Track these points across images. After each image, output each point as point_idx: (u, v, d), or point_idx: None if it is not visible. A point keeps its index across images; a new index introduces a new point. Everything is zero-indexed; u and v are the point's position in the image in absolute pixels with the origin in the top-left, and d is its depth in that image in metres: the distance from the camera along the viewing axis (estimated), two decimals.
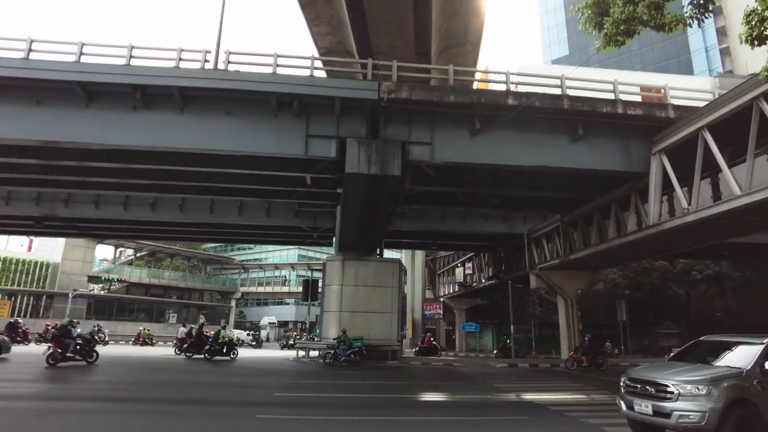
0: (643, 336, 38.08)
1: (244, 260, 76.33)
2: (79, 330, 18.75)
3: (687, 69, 55.76)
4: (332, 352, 21.89)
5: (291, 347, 36.29)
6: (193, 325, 28.24)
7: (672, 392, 6.82)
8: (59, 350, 16.96)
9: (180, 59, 16.19)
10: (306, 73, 16.97)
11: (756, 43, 9.18)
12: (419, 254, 47.61)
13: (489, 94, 17.18)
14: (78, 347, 17.58)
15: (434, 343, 33.81)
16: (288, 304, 70.73)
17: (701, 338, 9.23)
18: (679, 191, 16.12)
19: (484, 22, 22.80)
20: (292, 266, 71.89)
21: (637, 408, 7.33)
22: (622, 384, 7.89)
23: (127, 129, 16.41)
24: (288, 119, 16.89)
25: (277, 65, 16.55)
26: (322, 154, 17.11)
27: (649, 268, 36.59)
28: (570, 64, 50.58)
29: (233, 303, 66.89)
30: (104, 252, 64.93)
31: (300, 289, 37.91)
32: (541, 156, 17.61)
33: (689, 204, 15.75)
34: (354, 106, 16.82)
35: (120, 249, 60.64)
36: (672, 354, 9.99)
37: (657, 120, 17.24)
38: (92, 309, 50.26)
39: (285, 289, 71.34)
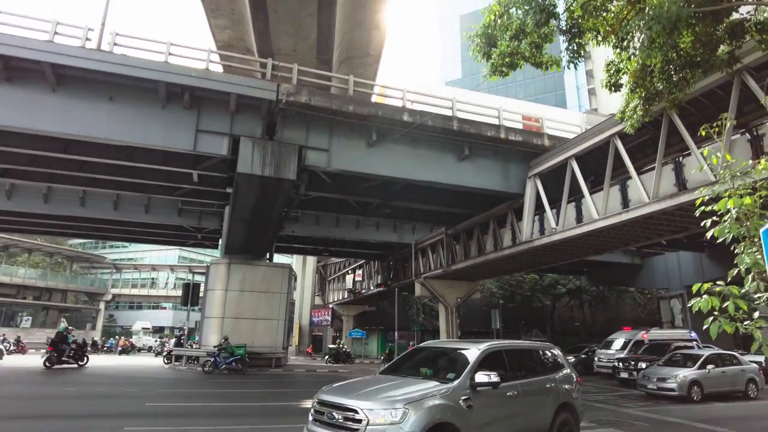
0: None
1: (116, 259, 69.75)
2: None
3: (561, 103, 62.34)
4: (212, 359, 20.89)
5: (166, 355, 33.96)
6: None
7: (360, 419, 5.20)
8: (55, 354, 19.78)
9: (56, 33, 14.58)
10: (201, 65, 16.20)
11: (613, 89, 10.67)
12: (311, 260, 47.30)
13: (386, 108, 17.77)
14: (72, 352, 20.54)
15: (346, 349, 33.64)
16: (165, 308, 66.03)
17: (420, 345, 8.42)
18: (548, 212, 17.96)
19: (385, 37, 23.57)
20: (172, 268, 67.26)
21: None
22: (311, 410, 6.06)
23: None
24: (177, 111, 15.96)
25: (170, 54, 15.61)
26: (213, 151, 16.40)
27: (522, 280, 40.03)
28: (462, 87, 54.01)
29: (102, 306, 60.83)
30: None
31: (180, 293, 35.69)
32: (431, 172, 18.56)
33: (557, 224, 17.62)
34: (251, 105, 16.40)
35: None
36: (385, 366, 8.20)
37: (534, 147, 19.09)
38: None
39: (162, 292, 66.47)
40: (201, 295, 27.86)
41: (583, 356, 24.57)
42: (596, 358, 22.78)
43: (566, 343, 35.52)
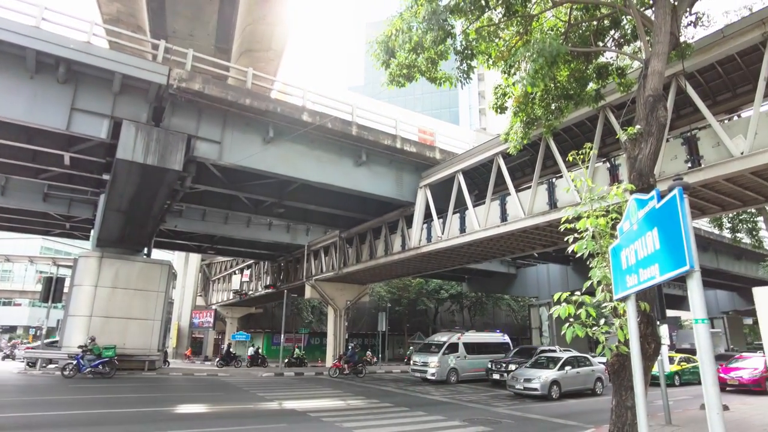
0: (399, 345, 42.83)
1: None
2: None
3: (455, 119, 65.99)
4: (74, 362, 18.78)
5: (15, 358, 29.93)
6: None
7: None
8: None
9: None
10: (82, 37, 14.59)
11: (499, 111, 11.53)
12: (194, 258, 44.64)
13: (286, 106, 17.43)
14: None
15: (302, 356, 31.67)
16: (19, 305, 58.10)
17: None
18: (436, 221, 18.86)
19: (288, 33, 23.19)
20: (31, 259, 59.38)
21: None
22: None
23: None
24: (49, 85, 14.25)
25: (43, 19, 13.87)
26: (90, 133, 14.85)
27: (409, 284, 41.49)
28: (364, 94, 54.94)
29: None
30: None
31: (39, 287, 31.62)
32: (328, 174, 18.57)
33: (443, 233, 18.55)
34: (137, 87, 15.14)
35: None
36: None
37: (426, 159, 19.95)
38: None
39: (18, 286, 58.34)
40: (66, 291, 24.97)
41: None
42: (411, 362, 22.69)
43: None
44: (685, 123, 13.50)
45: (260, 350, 32.56)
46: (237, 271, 41.43)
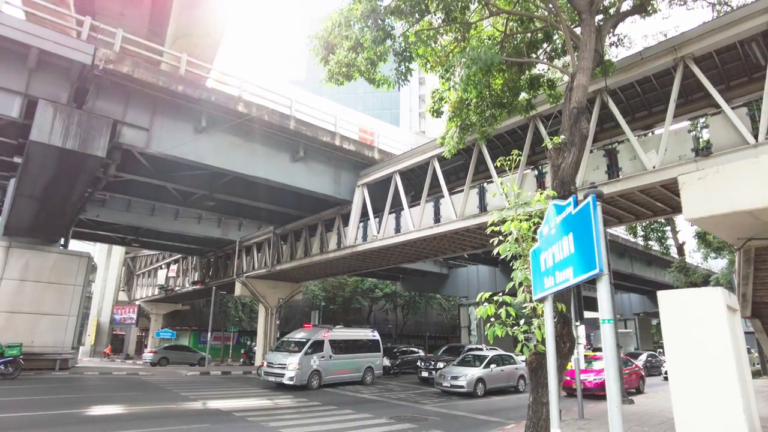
0: None
1: None
2: None
3: (395, 121, 66.64)
4: None
5: None
6: None
7: None
8: None
9: None
10: None
11: (436, 115, 11.75)
12: (118, 250, 42.19)
13: (221, 95, 16.79)
14: None
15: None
16: None
17: None
18: (372, 221, 18.94)
19: (227, 21, 22.43)
20: None
21: None
22: None
23: None
24: None
25: None
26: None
27: (344, 283, 41.43)
28: (305, 89, 54.12)
29: None
30: None
31: None
32: (264, 168, 18.11)
33: (378, 232, 18.66)
34: (58, 65, 13.98)
35: None
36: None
37: (365, 158, 19.98)
38: None
39: None
40: None
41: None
42: (265, 363, 19.20)
43: None
44: (607, 136, 14.39)
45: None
46: (163, 266, 39.48)
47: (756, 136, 9.75)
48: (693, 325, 6.01)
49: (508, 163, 6.39)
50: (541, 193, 5.88)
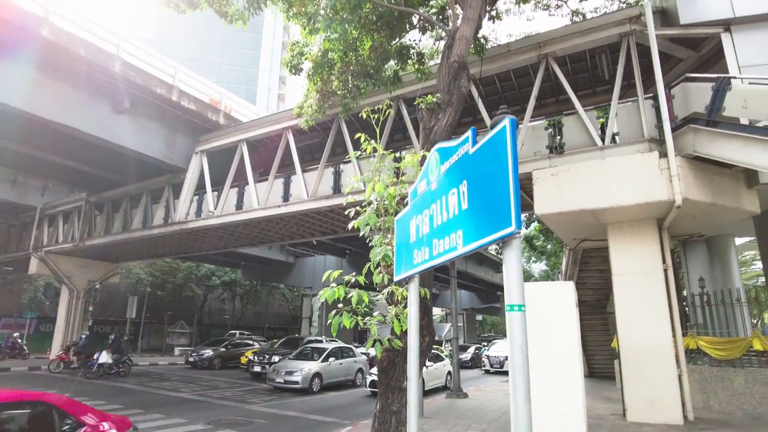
0: (159, 335, 37.66)
1: None
2: None
3: (252, 99, 62.49)
4: None
5: None
6: None
7: None
8: None
9: None
10: None
11: (293, 71, 10.18)
12: None
13: (15, 12, 12.92)
14: None
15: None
16: None
17: None
18: (209, 194, 16.53)
19: None
20: None
21: None
22: None
23: None
24: None
25: None
26: None
27: (176, 268, 37.06)
28: (155, 49, 47.63)
29: None
30: None
31: None
32: (76, 117, 14.59)
33: (215, 208, 16.31)
34: None
35: None
36: None
37: (207, 121, 17.40)
38: None
39: None
40: None
41: (222, 349, 23.78)
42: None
43: (211, 335, 34.59)
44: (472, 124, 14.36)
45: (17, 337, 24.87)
46: None
47: (603, 139, 10.10)
48: (545, 316, 5.65)
49: (368, 145, 5.17)
50: (412, 155, 4.78)
